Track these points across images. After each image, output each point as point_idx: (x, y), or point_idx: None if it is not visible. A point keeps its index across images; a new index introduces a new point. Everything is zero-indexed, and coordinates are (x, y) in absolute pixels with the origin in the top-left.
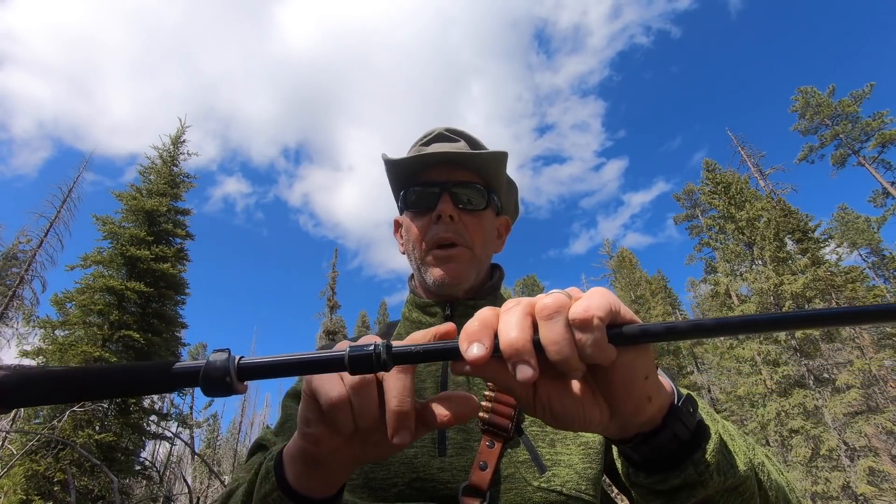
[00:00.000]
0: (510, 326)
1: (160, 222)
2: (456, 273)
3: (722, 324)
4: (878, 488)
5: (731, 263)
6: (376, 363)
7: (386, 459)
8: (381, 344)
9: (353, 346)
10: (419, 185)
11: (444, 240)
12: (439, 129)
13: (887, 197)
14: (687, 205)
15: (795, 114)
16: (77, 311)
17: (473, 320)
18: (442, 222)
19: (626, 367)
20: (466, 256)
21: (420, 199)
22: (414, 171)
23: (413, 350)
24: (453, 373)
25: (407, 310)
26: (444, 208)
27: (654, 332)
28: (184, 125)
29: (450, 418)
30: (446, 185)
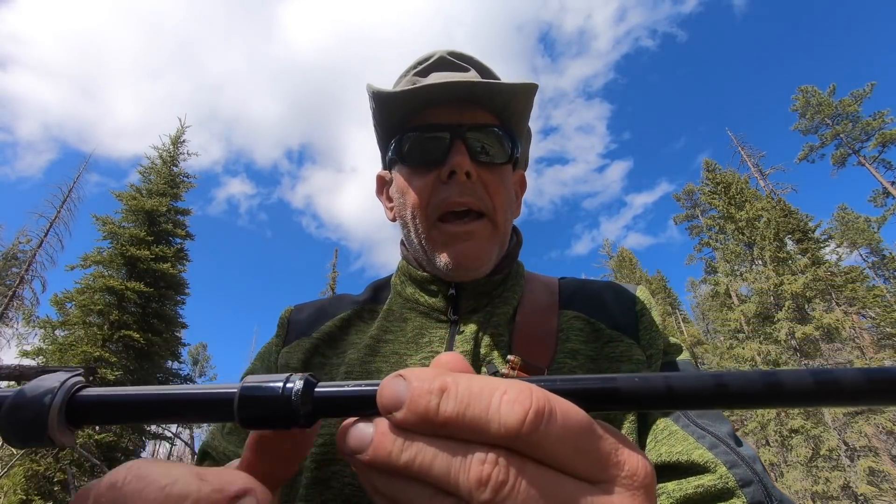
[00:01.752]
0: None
1: (160, 222)
2: (476, 255)
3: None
4: (878, 488)
5: (731, 263)
6: (285, 413)
7: None
8: (299, 379)
9: (247, 383)
10: (419, 130)
11: (459, 205)
12: (440, 51)
13: (887, 197)
14: (687, 205)
15: (796, 113)
16: (77, 311)
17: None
18: (455, 181)
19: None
20: (488, 231)
21: (422, 148)
22: (410, 110)
23: (354, 393)
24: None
25: (399, 281)
26: (459, 161)
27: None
28: (184, 125)
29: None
30: (459, 129)
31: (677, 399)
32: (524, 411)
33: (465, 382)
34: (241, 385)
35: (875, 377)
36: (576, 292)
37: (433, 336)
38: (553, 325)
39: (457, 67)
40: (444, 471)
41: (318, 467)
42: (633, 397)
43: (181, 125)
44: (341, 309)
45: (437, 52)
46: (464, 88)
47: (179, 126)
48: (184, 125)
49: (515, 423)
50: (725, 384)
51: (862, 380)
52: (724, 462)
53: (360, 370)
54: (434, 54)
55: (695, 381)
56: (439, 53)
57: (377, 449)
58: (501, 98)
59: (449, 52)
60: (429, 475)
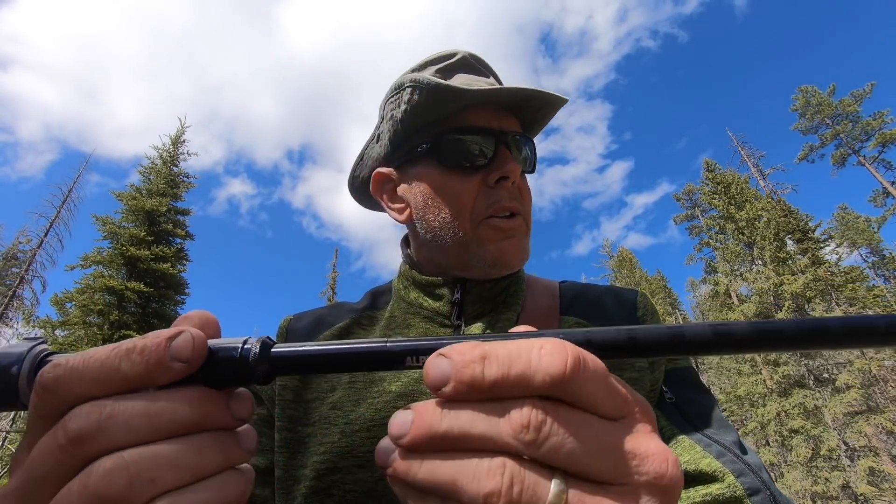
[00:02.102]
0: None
1: (160, 222)
2: (520, 251)
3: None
4: (878, 488)
5: (731, 263)
6: (244, 371)
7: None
8: (256, 341)
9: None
10: (464, 132)
11: (507, 209)
12: (462, 52)
13: (887, 197)
14: (687, 205)
15: (796, 113)
16: (77, 311)
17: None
18: (503, 186)
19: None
20: (524, 230)
21: (467, 150)
22: (451, 111)
23: (309, 353)
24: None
25: (402, 285)
26: (513, 168)
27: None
28: (184, 125)
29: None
30: (503, 135)
31: (640, 348)
32: (563, 361)
33: (502, 346)
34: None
35: (805, 326)
36: (576, 298)
37: None
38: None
39: (478, 72)
40: (486, 426)
41: (318, 476)
42: (645, 346)
43: (181, 125)
44: (340, 318)
45: (459, 52)
46: (529, 95)
47: (179, 126)
48: (184, 125)
49: (558, 371)
50: (683, 334)
51: (793, 328)
52: (731, 471)
53: (363, 378)
54: (457, 53)
55: (656, 332)
56: (462, 54)
57: (418, 424)
58: (540, 110)
59: (471, 55)
60: (470, 436)
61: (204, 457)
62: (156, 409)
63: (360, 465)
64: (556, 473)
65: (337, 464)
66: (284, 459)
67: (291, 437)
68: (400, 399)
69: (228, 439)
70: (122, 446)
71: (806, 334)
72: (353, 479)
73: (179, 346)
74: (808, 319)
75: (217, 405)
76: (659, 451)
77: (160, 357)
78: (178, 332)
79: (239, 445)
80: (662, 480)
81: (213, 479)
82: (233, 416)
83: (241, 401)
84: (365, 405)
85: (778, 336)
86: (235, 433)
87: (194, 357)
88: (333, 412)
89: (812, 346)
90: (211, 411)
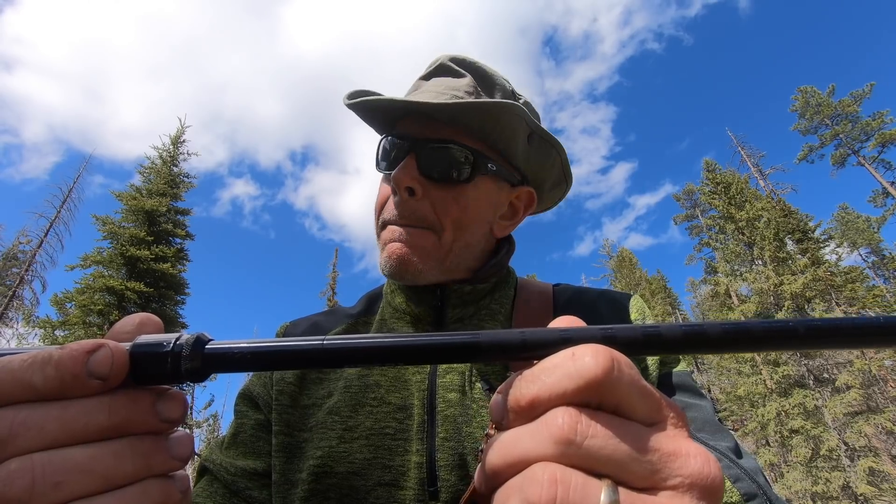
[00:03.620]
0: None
1: (160, 222)
2: (404, 261)
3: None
4: (878, 488)
5: (731, 263)
6: (175, 369)
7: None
8: (190, 336)
9: (139, 341)
10: (390, 137)
11: (396, 219)
12: (442, 57)
13: (887, 197)
14: (687, 205)
15: (795, 113)
16: (77, 311)
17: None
18: (398, 195)
19: None
20: (429, 241)
21: (386, 155)
22: (392, 119)
23: (244, 350)
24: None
25: (389, 290)
26: (398, 177)
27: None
28: (183, 125)
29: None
30: (415, 142)
31: (529, 348)
32: (596, 364)
33: (538, 366)
34: (132, 343)
35: (772, 327)
36: (570, 302)
37: None
38: None
39: (454, 73)
40: (529, 442)
41: (315, 480)
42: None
43: (181, 125)
44: (336, 323)
45: (440, 59)
46: (412, 108)
47: (179, 126)
48: (183, 125)
49: (594, 374)
50: (660, 333)
51: (760, 329)
52: (727, 476)
53: (358, 383)
54: (437, 60)
55: (630, 331)
56: (441, 59)
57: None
58: (451, 115)
59: (451, 58)
60: (525, 458)
61: (120, 463)
62: (71, 413)
63: (355, 471)
64: (603, 480)
65: (333, 469)
66: (281, 463)
67: (289, 442)
68: (399, 411)
69: (153, 445)
70: (36, 451)
71: (775, 335)
72: (349, 485)
73: (98, 362)
74: (776, 321)
75: (142, 408)
76: (699, 452)
77: (76, 373)
78: (98, 346)
79: (167, 452)
80: (706, 482)
81: (130, 487)
82: (160, 419)
83: (172, 402)
84: (364, 413)
85: (747, 336)
86: (164, 439)
87: (113, 374)
88: (331, 417)
89: (779, 348)
90: (134, 414)
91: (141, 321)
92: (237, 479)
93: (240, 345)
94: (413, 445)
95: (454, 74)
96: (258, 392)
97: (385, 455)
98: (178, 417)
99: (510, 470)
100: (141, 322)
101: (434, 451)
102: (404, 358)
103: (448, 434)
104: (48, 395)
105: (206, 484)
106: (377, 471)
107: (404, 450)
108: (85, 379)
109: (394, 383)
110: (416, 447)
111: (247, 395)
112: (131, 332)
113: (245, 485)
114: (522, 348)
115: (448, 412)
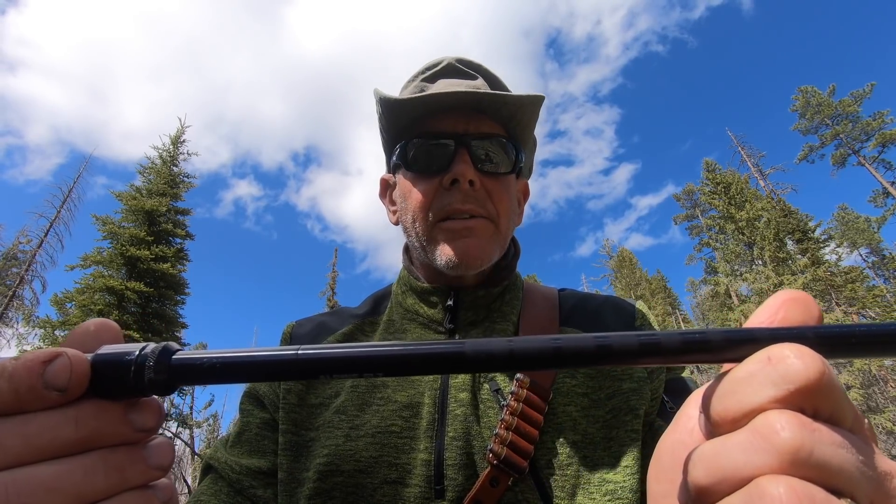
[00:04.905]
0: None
1: (160, 222)
2: (478, 249)
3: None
4: None
5: (731, 263)
6: (138, 381)
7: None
8: (156, 346)
9: (101, 351)
10: (425, 137)
11: (460, 212)
12: (449, 58)
13: (887, 197)
14: (687, 205)
15: (796, 113)
16: (77, 311)
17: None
18: (458, 189)
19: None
20: (489, 230)
21: (427, 155)
22: (417, 117)
23: (212, 361)
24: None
25: (400, 290)
26: (462, 170)
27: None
28: (183, 125)
29: None
30: (464, 137)
31: (517, 360)
32: (805, 366)
33: (728, 377)
34: (94, 352)
35: (689, 338)
36: (575, 308)
37: None
38: None
39: (465, 75)
40: (741, 457)
41: (321, 478)
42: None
43: (181, 125)
44: (343, 324)
45: (445, 59)
46: (471, 98)
47: (180, 126)
48: (184, 125)
49: (806, 379)
50: (561, 347)
51: (678, 340)
52: None
53: (365, 383)
54: (443, 60)
55: (536, 344)
56: (448, 60)
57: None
58: (507, 109)
59: (457, 59)
60: (741, 472)
61: (92, 479)
62: (33, 428)
63: (361, 469)
64: (843, 499)
65: (340, 467)
66: (288, 462)
67: (296, 441)
68: (405, 409)
69: (128, 456)
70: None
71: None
72: (355, 483)
73: (55, 373)
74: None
75: (112, 418)
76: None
77: (31, 385)
78: (55, 356)
79: (145, 462)
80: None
81: (106, 501)
82: (134, 429)
83: (146, 411)
84: (370, 412)
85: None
86: (140, 448)
87: (72, 385)
88: (337, 416)
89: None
90: (104, 427)
91: (97, 328)
92: (242, 478)
93: (209, 355)
94: (420, 444)
95: (466, 76)
96: (264, 391)
97: (391, 453)
98: (153, 426)
99: (723, 486)
100: (97, 329)
101: (443, 449)
102: (385, 368)
103: (457, 433)
104: (5, 410)
105: (211, 482)
106: (383, 468)
107: (410, 448)
108: (42, 391)
109: (401, 382)
110: (425, 445)
111: (253, 394)
112: (89, 340)
113: (250, 483)
114: (510, 358)
115: (459, 411)
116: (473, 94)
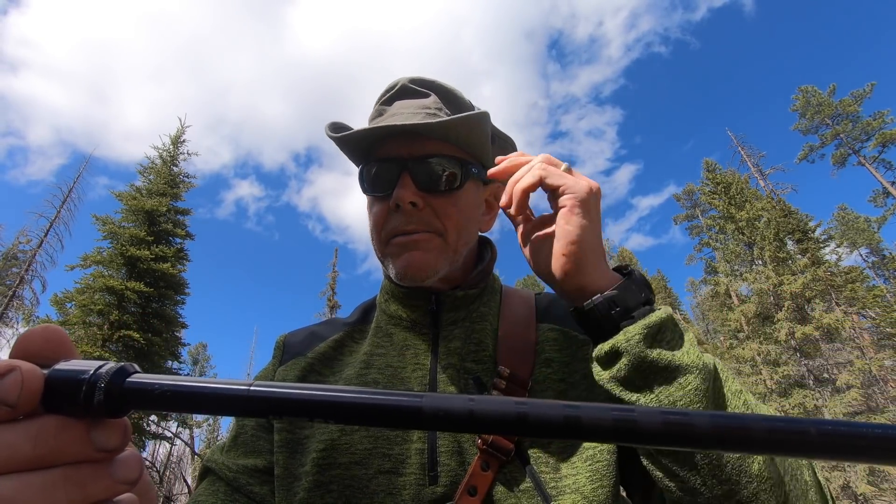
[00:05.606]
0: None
1: (160, 222)
2: (422, 262)
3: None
4: (878, 488)
5: (731, 263)
6: (87, 401)
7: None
8: (113, 366)
9: (57, 367)
10: (374, 162)
11: (406, 232)
12: (402, 80)
13: (887, 197)
14: (687, 205)
15: (796, 113)
16: (77, 311)
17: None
18: (402, 211)
19: (560, 225)
20: (435, 244)
21: (377, 179)
22: (368, 145)
23: (168, 387)
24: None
25: (383, 299)
26: (400, 195)
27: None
28: (183, 125)
29: None
30: (406, 161)
31: (476, 422)
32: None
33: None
34: (51, 368)
35: (671, 420)
36: (550, 305)
37: (418, 349)
38: (532, 339)
39: (417, 94)
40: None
41: (319, 471)
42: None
43: (181, 125)
44: (333, 332)
45: (400, 81)
46: (399, 130)
47: (180, 126)
48: (184, 125)
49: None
50: (526, 413)
51: (658, 422)
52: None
53: (356, 382)
54: (398, 83)
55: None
56: (402, 82)
57: None
58: (441, 130)
59: (411, 80)
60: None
61: (50, 495)
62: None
63: (356, 461)
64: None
65: (337, 460)
66: (284, 458)
67: (291, 438)
68: None
69: (91, 472)
70: None
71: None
72: (350, 475)
73: (5, 388)
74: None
75: (73, 437)
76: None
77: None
78: (8, 370)
79: (109, 477)
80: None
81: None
82: (95, 449)
83: (110, 429)
84: None
85: (743, 434)
86: (105, 463)
87: (22, 402)
88: None
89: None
90: (63, 444)
91: (44, 339)
92: (238, 476)
93: (163, 381)
94: (414, 434)
95: (418, 95)
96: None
97: (384, 445)
98: (117, 446)
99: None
100: (44, 338)
101: (436, 438)
102: (335, 416)
103: None
104: None
105: (208, 484)
106: (377, 459)
107: (403, 439)
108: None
109: (391, 381)
110: (418, 435)
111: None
112: (37, 349)
113: (246, 481)
114: (470, 419)
115: None
116: (397, 126)
